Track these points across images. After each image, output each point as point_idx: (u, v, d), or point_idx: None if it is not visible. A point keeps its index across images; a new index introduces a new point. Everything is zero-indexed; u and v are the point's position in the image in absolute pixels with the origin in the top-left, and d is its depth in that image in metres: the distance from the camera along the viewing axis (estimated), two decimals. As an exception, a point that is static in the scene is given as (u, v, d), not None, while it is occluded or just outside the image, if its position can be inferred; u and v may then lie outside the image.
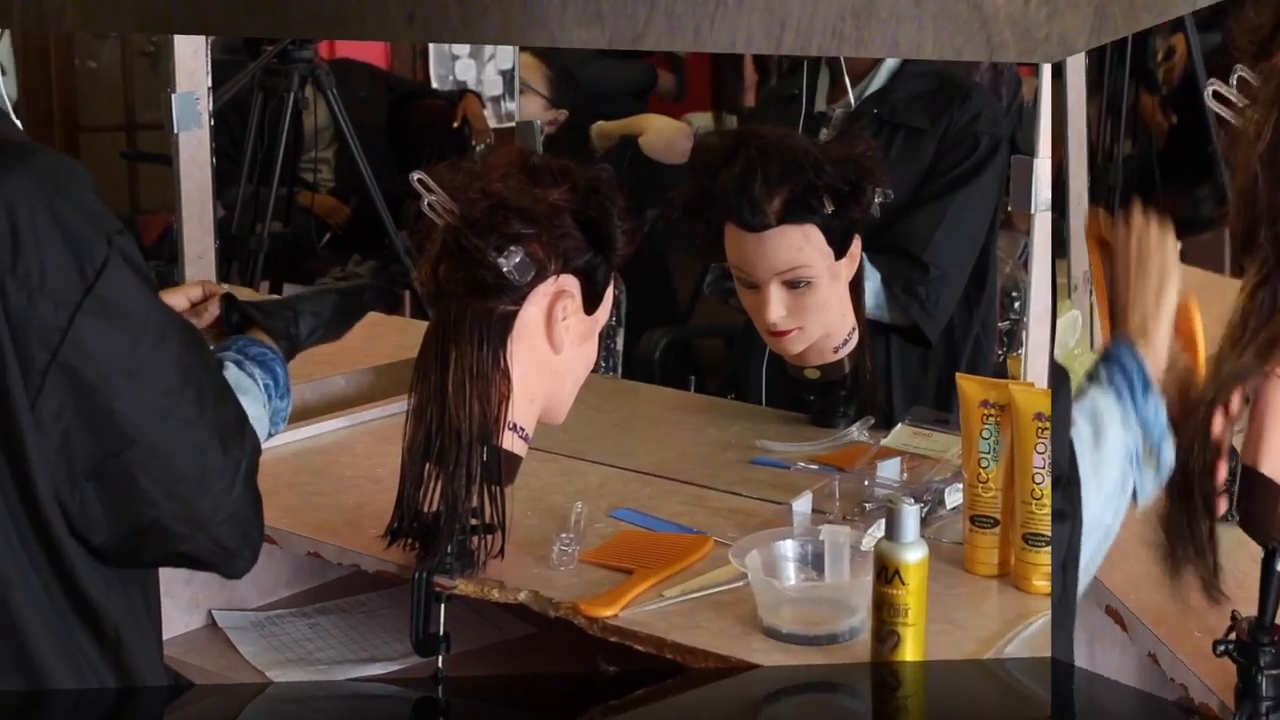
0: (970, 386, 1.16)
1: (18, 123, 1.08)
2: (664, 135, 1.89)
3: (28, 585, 0.87)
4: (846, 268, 1.42)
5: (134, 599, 0.93)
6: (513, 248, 1.08)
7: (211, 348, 1.07)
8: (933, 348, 1.53)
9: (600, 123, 2.05)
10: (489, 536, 1.13)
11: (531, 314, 1.12)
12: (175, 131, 1.65)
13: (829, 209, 1.35)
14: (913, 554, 0.99)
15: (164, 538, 0.90)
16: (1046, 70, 1.19)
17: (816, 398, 1.49)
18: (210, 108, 1.65)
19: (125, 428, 0.86)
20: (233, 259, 2.76)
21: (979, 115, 1.54)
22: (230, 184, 2.84)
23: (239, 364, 1.06)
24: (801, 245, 1.37)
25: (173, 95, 1.64)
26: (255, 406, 1.04)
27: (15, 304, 0.82)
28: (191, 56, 1.65)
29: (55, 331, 0.83)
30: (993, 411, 1.13)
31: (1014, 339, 1.68)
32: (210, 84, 1.66)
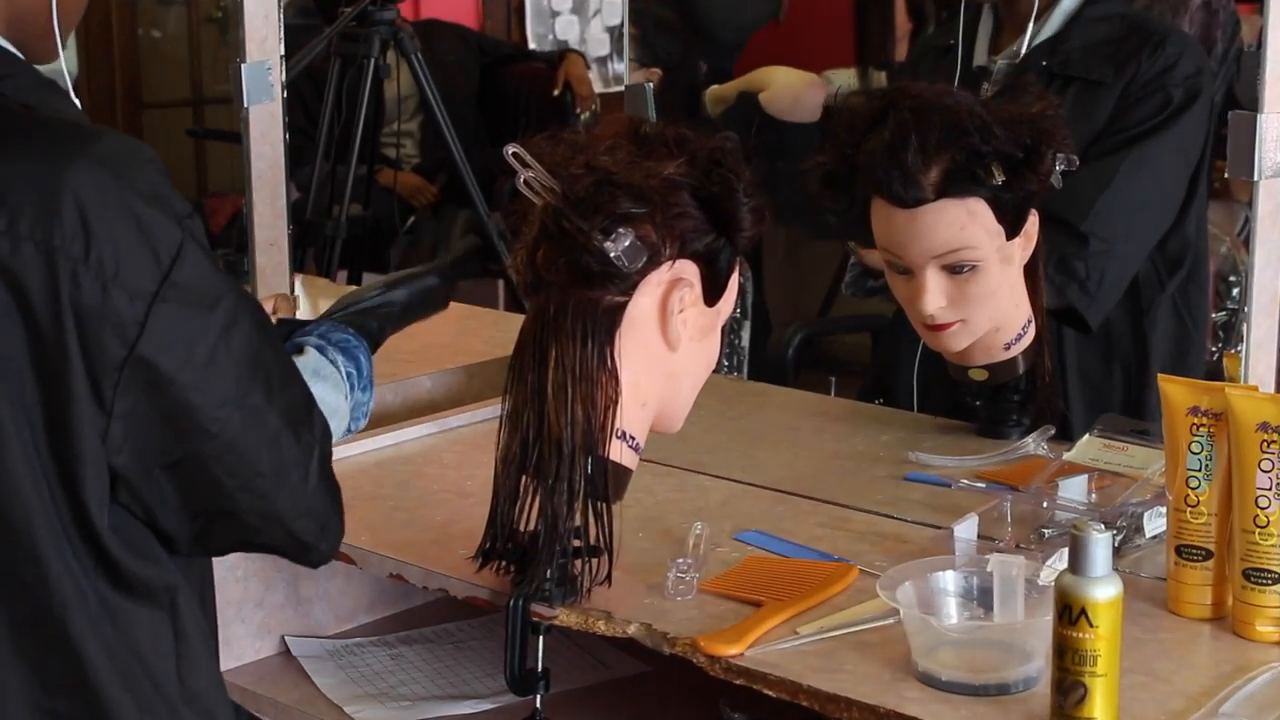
0: (1176, 390, 1.12)
1: (77, 102, 1.12)
2: (790, 89, 1.84)
3: (84, 603, 0.90)
4: (1020, 249, 1.38)
5: (192, 606, 0.95)
6: (621, 230, 1.07)
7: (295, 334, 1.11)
8: (1092, 333, 1.48)
9: (713, 87, 2.03)
10: (594, 560, 1.12)
11: (643, 306, 1.11)
12: (245, 105, 1.68)
13: (999, 180, 1.32)
14: (1103, 590, 0.95)
15: (240, 530, 0.95)
16: (1274, 5, 1.13)
17: (983, 403, 1.46)
18: (283, 78, 1.68)
19: (202, 420, 0.89)
20: (308, 245, 2.83)
21: (1174, 65, 1.47)
22: (305, 162, 2.91)
23: (321, 349, 1.10)
24: (965, 223, 1.33)
25: (242, 66, 1.67)
26: (335, 397, 1.07)
27: (89, 297, 0.85)
28: (263, 21, 1.68)
29: (131, 324, 0.86)
30: (1205, 420, 1.09)
31: (1231, 333, 1.60)
32: (283, 52, 1.69)
